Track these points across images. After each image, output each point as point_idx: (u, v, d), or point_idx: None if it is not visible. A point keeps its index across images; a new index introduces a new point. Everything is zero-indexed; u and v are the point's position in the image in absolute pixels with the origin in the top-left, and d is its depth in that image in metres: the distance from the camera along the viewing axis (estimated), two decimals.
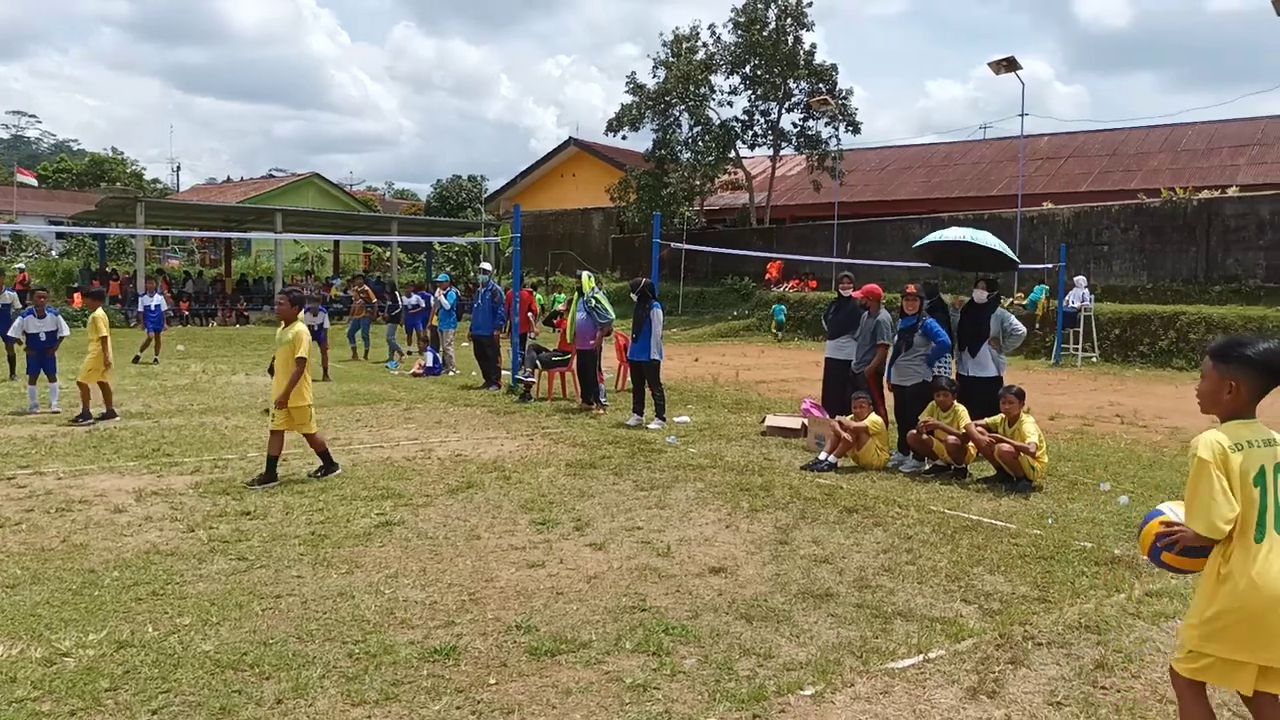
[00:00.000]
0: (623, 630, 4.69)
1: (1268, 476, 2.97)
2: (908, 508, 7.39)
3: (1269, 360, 3.02)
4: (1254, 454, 2.98)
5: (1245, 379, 3.04)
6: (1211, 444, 2.98)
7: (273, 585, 5.27)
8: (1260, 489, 2.96)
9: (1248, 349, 3.06)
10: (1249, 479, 2.95)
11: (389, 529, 6.46)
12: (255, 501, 7.14)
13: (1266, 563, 2.92)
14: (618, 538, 6.37)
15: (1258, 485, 2.96)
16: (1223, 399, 3.09)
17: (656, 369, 11.46)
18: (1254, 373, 3.04)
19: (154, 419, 11.09)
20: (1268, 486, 2.97)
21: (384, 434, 10.44)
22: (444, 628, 4.69)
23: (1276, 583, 2.90)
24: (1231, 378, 3.06)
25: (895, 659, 4.40)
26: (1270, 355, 3.03)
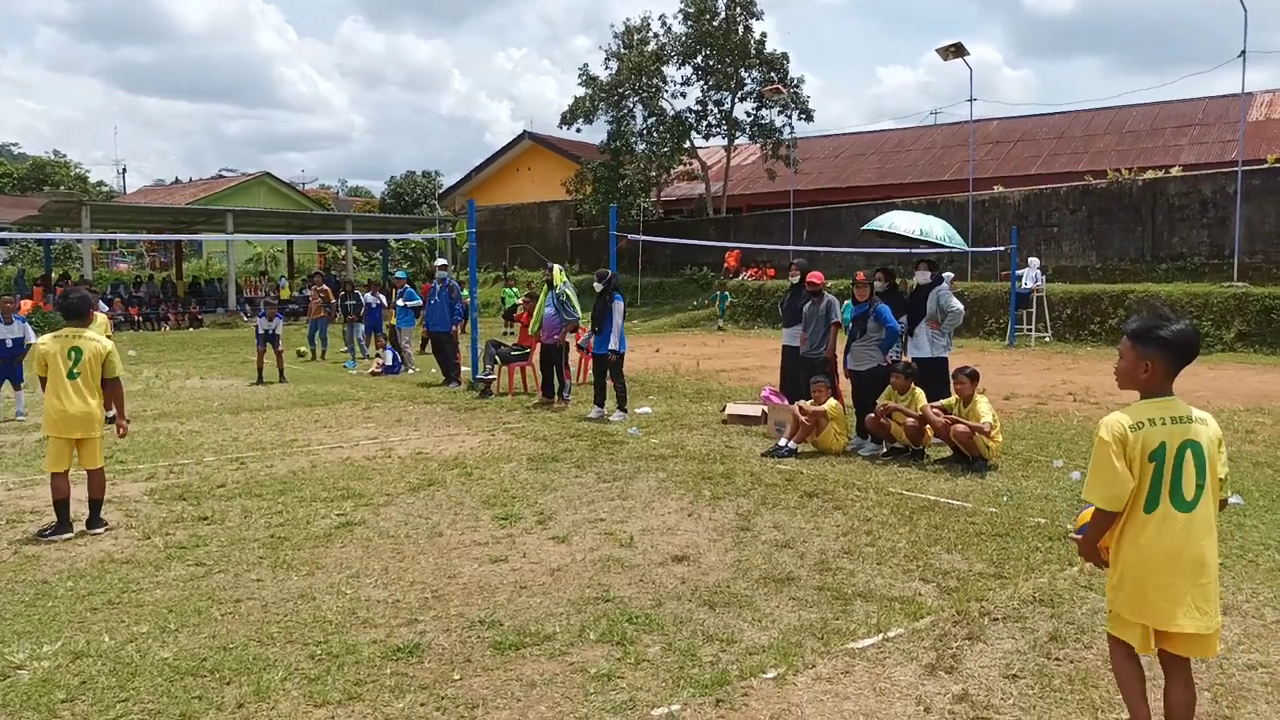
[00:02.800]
0: (586, 621, 4.71)
1: (1167, 452, 3.13)
2: (867, 490, 7.49)
3: (1181, 341, 3.18)
4: (1155, 431, 3.14)
5: (1160, 359, 3.19)
6: (1112, 425, 3.17)
7: (232, 590, 5.21)
8: (1157, 464, 3.12)
9: (1163, 330, 3.19)
10: (1146, 455, 3.13)
11: (350, 529, 6.42)
12: (212, 506, 7.05)
13: (1152, 531, 3.13)
14: (581, 530, 6.38)
15: (1153, 460, 3.13)
16: (1139, 377, 3.24)
17: (620, 361, 11.43)
18: (1168, 353, 3.19)
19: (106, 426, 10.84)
20: (1165, 461, 3.13)
21: (343, 434, 10.34)
22: (407, 626, 4.68)
23: (1156, 551, 3.12)
24: (1147, 358, 3.21)
25: (855, 639, 4.47)
26: (1182, 336, 3.19)
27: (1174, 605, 3.12)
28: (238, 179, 53.57)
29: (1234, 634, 4.51)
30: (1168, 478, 3.13)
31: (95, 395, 6.54)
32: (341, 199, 67.19)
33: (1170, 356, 3.20)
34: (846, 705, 3.83)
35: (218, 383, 15.47)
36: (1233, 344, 19.04)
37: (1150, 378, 3.22)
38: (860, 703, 3.85)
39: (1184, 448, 3.14)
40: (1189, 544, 3.12)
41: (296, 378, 15.88)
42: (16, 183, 63.90)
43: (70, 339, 6.51)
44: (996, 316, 22.67)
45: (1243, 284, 20.37)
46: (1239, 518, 6.54)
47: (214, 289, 35.78)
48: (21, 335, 11.71)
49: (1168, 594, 3.12)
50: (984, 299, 23.16)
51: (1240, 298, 19.57)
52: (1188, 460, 3.14)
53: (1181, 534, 3.12)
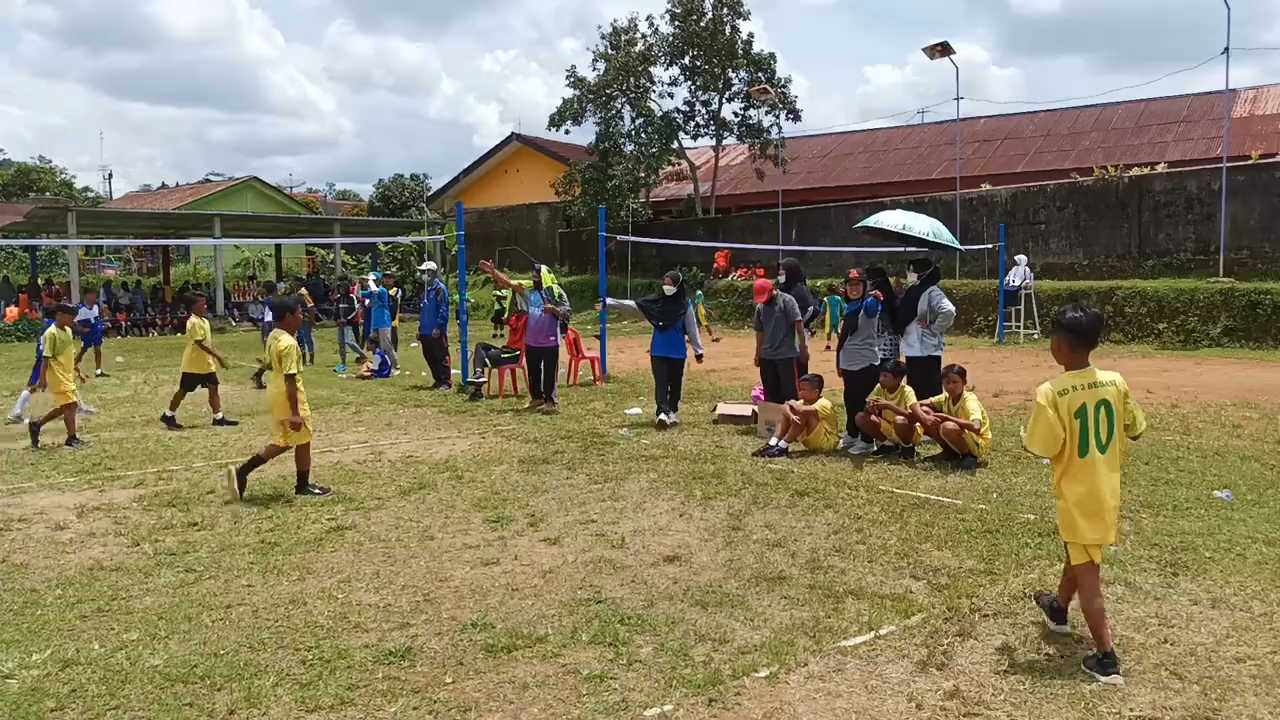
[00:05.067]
0: (579, 623, 4.71)
1: (1088, 411, 4.12)
2: (857, 489, 7.52)
3: (1072, 326, 4.20)
4: (1077, 395, 4.13)
5: (1066, 339, 4.23)
6: (1045, 391, 4.20)
7: (222, 596, 5.20)
8: (1081, 420, 4.13)
9: (1063, 318, 4.24)
10: (1072, 414, 4.12)
11: (340, 533, 6.40)
12: (202, 512, 7.02)
13: (1089, 471, 4.12)
14: (572, 531, 6.38)
15: (1079, 418, 4.13)
16: (1060, 354, 4.27)
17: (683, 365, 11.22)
18: (1071, 335, 4.21)
19: (94, 433, 10.82)
20: (1088, 418, 4.13)
21: (333, 438, 10.32)
22: (399, 630, 4.67)
23: (1094, 485, 4.11)
24: (1058, 339, 4.28)
25: (847, 637, 4.49)
26: (1073, 322, 4.20)
27: (1110, 525, 4.16)
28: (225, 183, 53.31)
29: (1222, 627, 4.55)
30: (1091, 430, 4.11)
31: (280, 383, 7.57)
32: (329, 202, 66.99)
33: (1073, 337, 4.20)
34: (839, 703, 3.84)
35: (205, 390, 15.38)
36: (1219, 339, 19.15)
37: (1064, 355, 4.24)
38: (852, 700, 3.86)
39: (1099, 406, 4.13)
40: (1109, 477, 4.14)
41: None
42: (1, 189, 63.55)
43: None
44: (985, 314, 22.76)
45: (1229, 279, 20.50)
46: (1226, 512, 6.59)
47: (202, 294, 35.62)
48: None
49: (1108, 516, 4.13)
50: (972, 297, 23.25)
51: (1226, 293, 19.69)
52: (1101, 415, 4.13)
53: (1104, 470, 4.11)
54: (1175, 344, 19.42)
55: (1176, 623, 4.61)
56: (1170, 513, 6.61)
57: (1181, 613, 4.74)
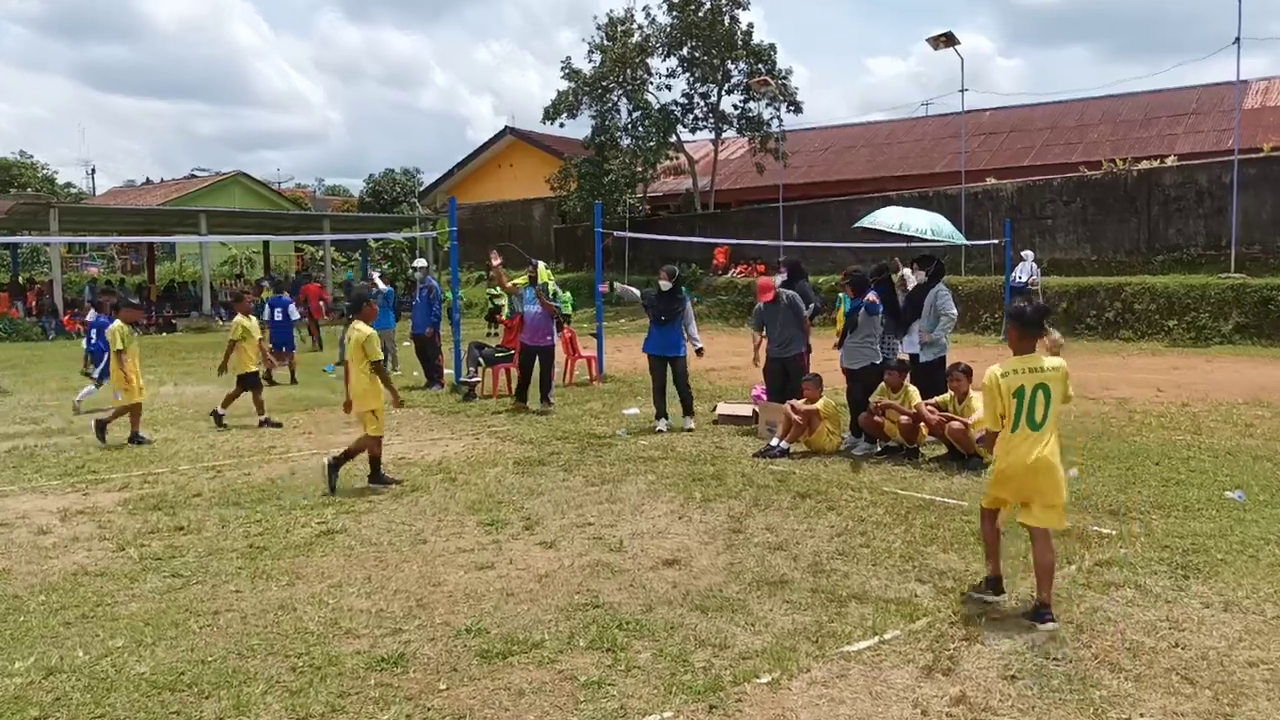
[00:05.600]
0: (575, 628, 4.72)
1: (1025, 391, 4.86)
2: (861, 490, 7.52)
3: (1017, 315, 5.07)
4: (1017, 378, 4.88)
5: (1013, 327, 5.05)
6: (991, 374, 4.98)
7: (210, 601, 5.19)
8: (1018, 400, 4.87)
9: (1012, 309, 5.16)
10: (1010, 393, 4.88)
11: (331, 537, 6.40)
12: (189, 516, 7.02)
13: (1014, 443, 4.87)
14: (569, 535, 6.38)
15: (1016, 397, 4.87)
16: (1010, 341, 5.07)
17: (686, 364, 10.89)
18: (1016, 323, 5.04)
19: (78, 435, 10.81)
20: (1024, 398, 4.86)
21: (323, 440, 10.31)
22: (391, 635, 4.68)
23: (1014, 456, 4.86)
24: (1009, 327, 5.15)
25: (851, 642, 4.50)
26: (1018, 312, 5.10)
27: (1031, 492, 4.85)
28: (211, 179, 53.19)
29: (1235, 630, 4.56)
30: (1025, 409, 4.85)
31: (361, 376, 7.84)
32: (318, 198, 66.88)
33: (1018, 325, 5.02)
34: (842, 710, 3.85)
35: (193, 389, 15.39)
36: (1230, 336, 19.18)
37: (1012, 341, 5.03)
38: (856, 707, 3.87)
39: (1037, 388, 4.85)
40: (1039, 451, 4.81)
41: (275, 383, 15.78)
42: None
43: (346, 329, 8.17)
44: (991, 311, 22.77)
45: (1240, 275, 20.52)
46: (1239, 513, 6.60)
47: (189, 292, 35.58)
48: None
49: (1026, 484, 4.85)
50: (978, 293, 23.28)
51: (1238, 289, 19.72)
52: (1039, 397, 4.85)
53: (1033, 445, 4.81)
54: (1186, 341, 19.45)
55: (1188, 626, 4.62)
56: (1181, 514, 6.62)
57: (1193, 616, 4.75)
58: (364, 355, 7.78)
